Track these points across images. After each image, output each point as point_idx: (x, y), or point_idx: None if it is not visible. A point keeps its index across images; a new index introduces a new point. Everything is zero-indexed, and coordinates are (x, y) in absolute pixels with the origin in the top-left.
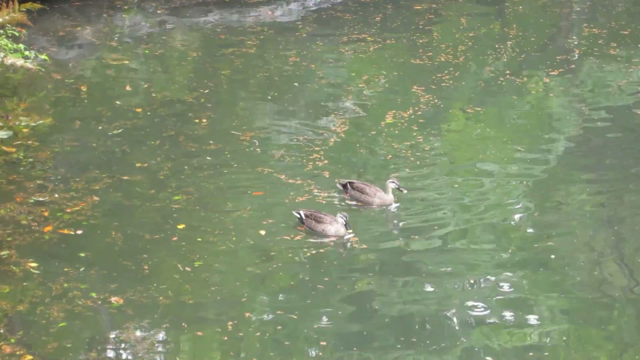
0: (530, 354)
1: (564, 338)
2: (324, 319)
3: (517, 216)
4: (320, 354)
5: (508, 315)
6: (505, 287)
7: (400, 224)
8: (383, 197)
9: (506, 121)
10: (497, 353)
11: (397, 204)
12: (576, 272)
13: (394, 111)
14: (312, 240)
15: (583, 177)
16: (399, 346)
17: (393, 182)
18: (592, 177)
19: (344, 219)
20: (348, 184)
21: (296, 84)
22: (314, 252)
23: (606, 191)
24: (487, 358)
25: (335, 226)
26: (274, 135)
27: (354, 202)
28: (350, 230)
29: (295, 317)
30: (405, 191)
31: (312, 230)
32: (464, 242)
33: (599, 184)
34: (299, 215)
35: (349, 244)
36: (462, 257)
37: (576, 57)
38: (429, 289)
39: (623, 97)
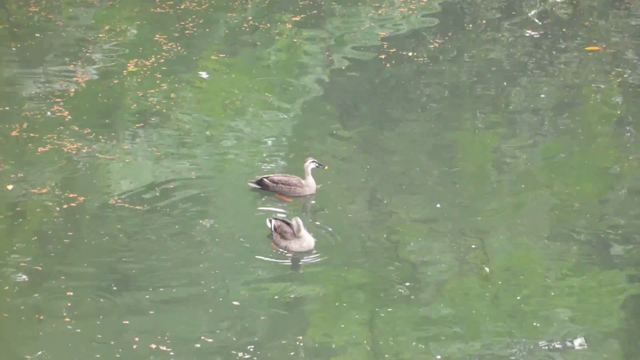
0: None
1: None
2: (74, 265)
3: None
4: (70, 301)
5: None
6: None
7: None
8: (310, 183)
9: (253, 68)
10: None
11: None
12: (336, 213)
13: (136, 60)
14: (58, 192)
15: (333, 123)
16: (150, 289)
17: (314, 161)
18: (341, 121)
19: (298, 223)
20: (264, 180)
21: (38, 34)
22: (65, 206)
23: (357, 135)
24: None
25: (298, 242)
26: (16, 87)
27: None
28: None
29: (40, 268)
30: (326, 167)
31: (276, 245)
32: (218, 183)
33: (349, 127)
34: (270, 225)
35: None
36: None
37: (320, 2)
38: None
39: (368, 41)
